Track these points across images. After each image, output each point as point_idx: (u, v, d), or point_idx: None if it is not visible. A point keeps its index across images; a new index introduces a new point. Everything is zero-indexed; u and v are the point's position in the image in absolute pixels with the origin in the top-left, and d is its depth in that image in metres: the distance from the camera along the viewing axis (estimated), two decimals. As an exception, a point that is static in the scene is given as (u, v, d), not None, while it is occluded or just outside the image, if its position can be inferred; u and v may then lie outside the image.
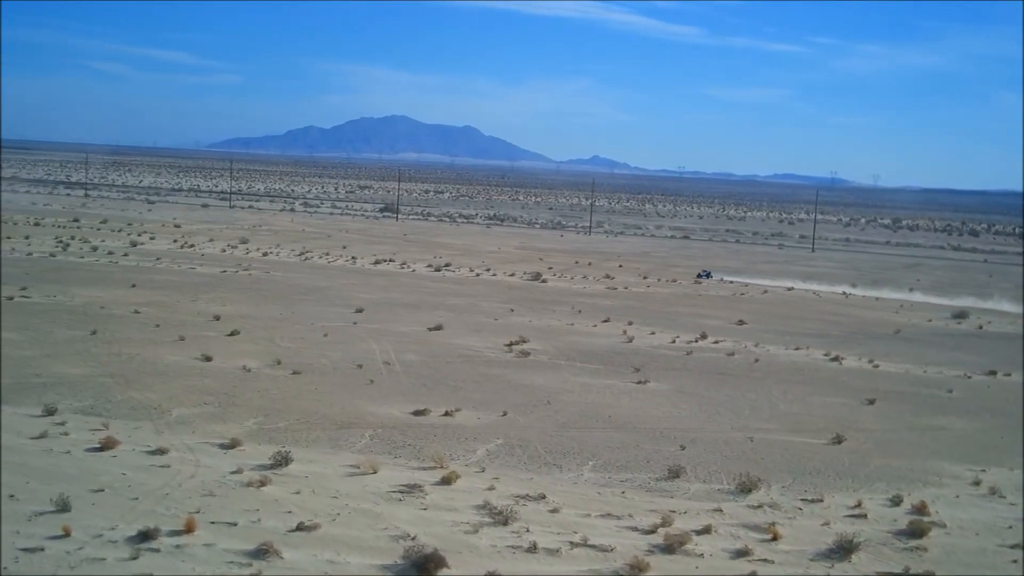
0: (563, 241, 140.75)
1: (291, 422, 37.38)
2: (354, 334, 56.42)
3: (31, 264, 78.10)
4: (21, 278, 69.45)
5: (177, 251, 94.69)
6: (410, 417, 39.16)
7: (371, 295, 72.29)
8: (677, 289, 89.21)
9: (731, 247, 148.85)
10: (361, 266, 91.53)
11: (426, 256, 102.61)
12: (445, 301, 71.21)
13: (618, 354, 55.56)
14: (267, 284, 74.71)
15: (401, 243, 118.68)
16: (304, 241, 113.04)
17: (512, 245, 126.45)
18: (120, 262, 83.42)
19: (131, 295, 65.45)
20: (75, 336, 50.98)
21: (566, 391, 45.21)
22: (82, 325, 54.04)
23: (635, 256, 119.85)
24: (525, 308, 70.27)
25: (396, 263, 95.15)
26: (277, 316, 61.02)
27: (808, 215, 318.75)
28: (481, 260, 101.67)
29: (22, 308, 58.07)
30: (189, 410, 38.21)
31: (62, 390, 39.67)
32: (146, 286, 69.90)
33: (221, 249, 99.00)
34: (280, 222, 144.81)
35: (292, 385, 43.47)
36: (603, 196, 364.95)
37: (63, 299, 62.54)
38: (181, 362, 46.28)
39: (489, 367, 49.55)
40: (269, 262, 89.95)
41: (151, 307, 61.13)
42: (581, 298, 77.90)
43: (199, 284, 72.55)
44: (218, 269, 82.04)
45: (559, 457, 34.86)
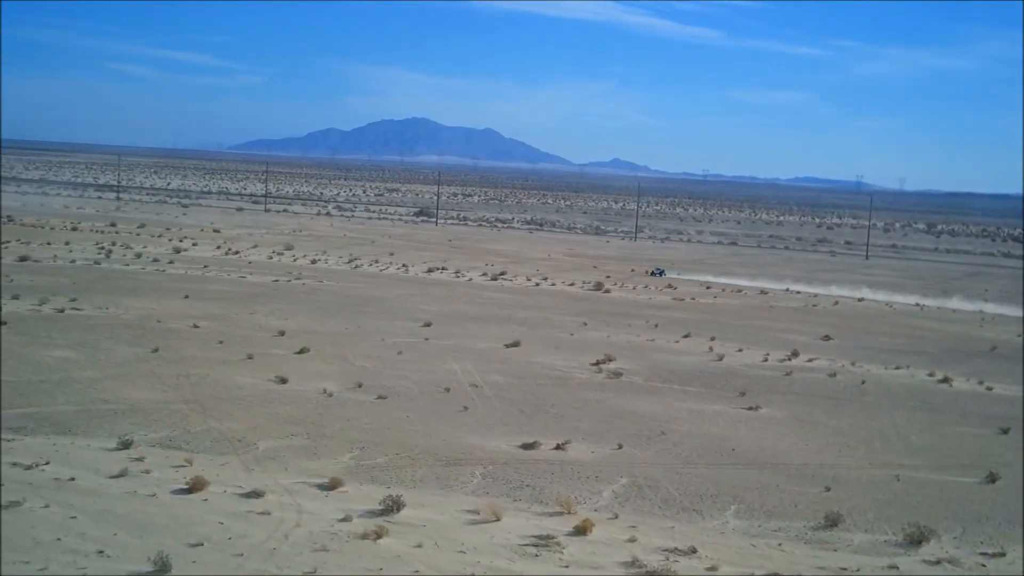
0: (611, 247, 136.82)
1: (390, 457, 33.49)
2: (429, 351, 52.52)
3: (76, 272, 74.50)
4: (69, 288, 65.86)
5: (222, 258, 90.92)
6: (519, 451, 35.26)
7: (433, 307, 68.41)
8: (744, 300, 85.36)
9: (782, 254, 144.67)
10: (415, 275, 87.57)
11: (477, 264, 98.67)
12: (513, 314, 67.29)
13: (713, 374, 52.38)
14: (323, 295, 70.84)
15: (447, 250, 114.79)
16: (349, 247, 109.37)
17: (560, 252, 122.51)
18: (167, 270, 79.69)
19: (186, 307, 61.79)
20: (137, 354, 47.12)
21: (676, 419, 41.31)
22: (142, 341, 50.44)
23: (689, 264, 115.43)
24: (598, 321, 66.44)
25: (449, 271, 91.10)
26: (342, 331, 57.15)
27: (840, 219, 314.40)
28: (535, 268, 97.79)
29: (75, 322, 54.44)
30: (276, 442, 34.28)
31: (135, 419, 35.87)
32: (199, 297, 66.09)
33: (267, 256, 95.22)
34: (319, 227, 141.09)
35: (380, 412, 40.23)
36: (631, 200, 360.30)
37: (116, 311, 58.87)
38: (255, 385, 42.38)
39: (584, 390, 45.71)
40: (319, 270, 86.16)
41: (209, 320, 57.26)
42: (650, 310, 74.06)
43: (254, 295, 68.81)
44: (269, 278, 78.19)
45: (696, 500, 30.89)
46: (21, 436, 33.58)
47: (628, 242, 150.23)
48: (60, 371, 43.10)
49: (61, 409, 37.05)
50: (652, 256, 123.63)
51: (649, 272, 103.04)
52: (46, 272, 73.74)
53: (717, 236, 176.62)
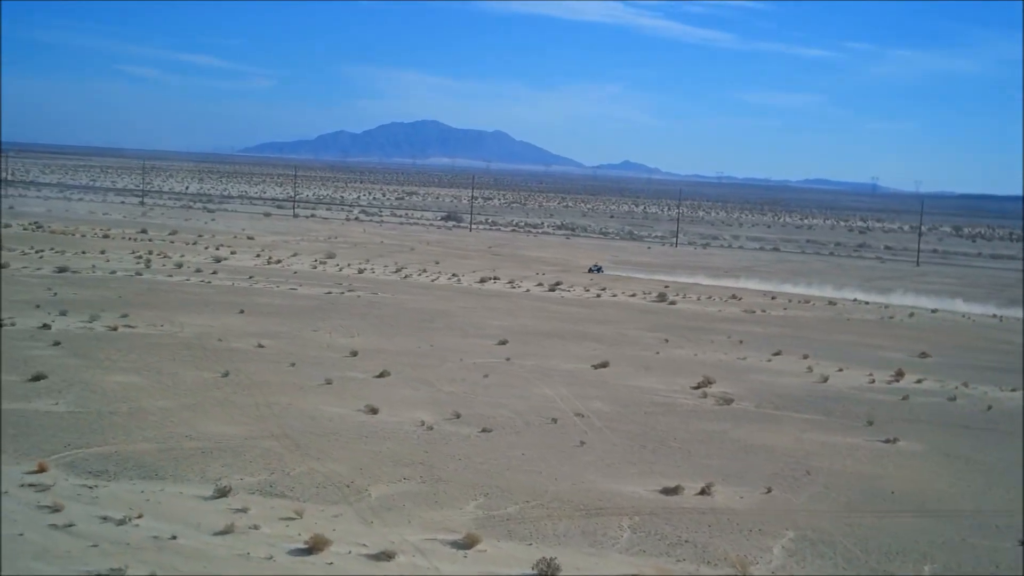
0: (653, 254, 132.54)
1: (521, 506, 29.34)
2: (514, 374, 48.48)
3: (119, 285, 70.64)
4: (116, 303, 61.96)
5: (266, 268, 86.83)
6: (661, 497, 31.12)
7: (500, 321, 64.25)
8: (816, 312, 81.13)
9: (829, 260, 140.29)
10: (468, 285, 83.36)
11: (527, 273, 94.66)
12: (586, 330, 63.30)
13: (826, 399, 48.64)
14: (382, 308, 66.75)
15: (490, 257, 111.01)
16: (391, 255, 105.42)
17: (605, 259, 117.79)
18: (212, 281, 75.67)
19: (243, 323, 58.11)
20: (206, 379, 43.04)
21: (812, 454, 37.51)
22: (208, 364, 46.98)
23: (740, 272, 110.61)
24: (678, 337, 62.77)
25: (502, 281, 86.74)
26: (415, 349, 52.99)
27: (864, 222, 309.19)
28: (589, 278, 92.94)
29: (131, 341, 50.51)
30: (389, 488, 30.15)
31: (225, 459, 31.93)
32: (255, 312, 61.96)
33: (311, 265, 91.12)
34: (353, 233, 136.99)
35: (490, 448, 36.43)
36: (651, 203, 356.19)
37: (171, 329, 54.74)
38: (345, 416, 38.29)
39: (698, 419, 42.14)
40: (369, 280, 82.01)
41: (273, 339, 53.36)
42: (725, 324, 70.50)
43: (311, 309, 64.86)
44: (320, 290, 74.06)
45: (884, 560, 27.09)
46: (105, 481, 29.43)
47: (669, 248, 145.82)
48: (128, 400, 39.02)
49: (141, 447, 32.84)
50: (700, 264, 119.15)
51: (588, 269, 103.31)
52: (88, 284, 69.55)
53: (755, 241, 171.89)
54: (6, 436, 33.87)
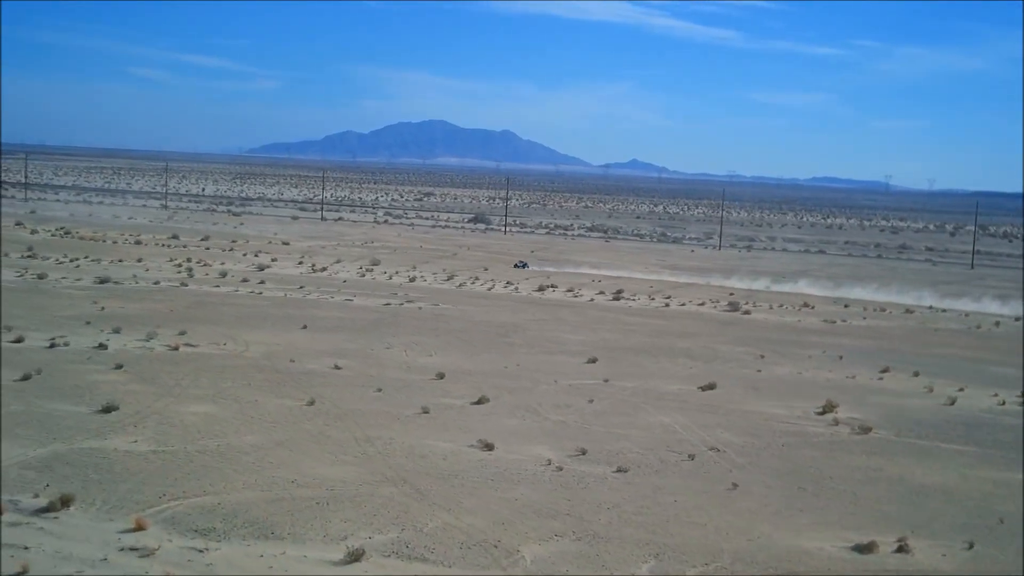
0: (700, 258, 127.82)
1: (700, 569, 26.10)
2: (619, 397, 44.16)
3: (167, 297, 66.66)
4: (169, 317, 57.85)
5: (313, 277, 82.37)
6: (855, 556, 27.07)
7: (578, 335, 60.02)
8: (896, 320, 77.12)
9: (881, 263, 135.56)
10: (527, 294, 78.95)
11: (581, 280, 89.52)
12: (672, 344, 59.34)
13: (967, 426, 44.59)
14: (449, 321, 62.40)
15: (535, 262, 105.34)
16: (435, 261, 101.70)
17: (651, 263, 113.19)
18: (262, 292, 70.89)
19: (309, 340, 55.06)
20: (291, 409, 38.70)
21: (989, 495, 34.21)
22: (287, 390, 43.60)
23: (796, 276, 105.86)
24: (772, 352, 59.53)
25: (560, 289, 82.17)
26: (503, 370, 48.56)
27: (887, 221, 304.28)
28: (649, 285, 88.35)
29: (197, 363, 46.53)
30: (542, 547, 26.00)
31: (344, 510, 28.07)
32: (317, 327, 57.59)
33: (357, 273, 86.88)
34: (387, 237, 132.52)
35: (636, 494, 32.27)
36: (671, 203, 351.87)
37: (235, 347, 50.33)
38: (458, 453, 33.85)
39: (844, 453, 38.77)
40: (422, 290, 77.56)
41: (347, 358, 49.27)
42: (811, 335, 67.81)
43: (374, 323, 60.82)
44: (378, 300, 69.74)
45: None
46: (215, 542, 25.18)
47: (712, 251, 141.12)
48: (213, 435, 34.71)
49: (245, 497, 28.27)
50: (753, 268, 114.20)
51: (514, 265, 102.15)
52: (133, 296, 65.10)
53: (792, 243, 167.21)
54: (90, 482, 29.51)
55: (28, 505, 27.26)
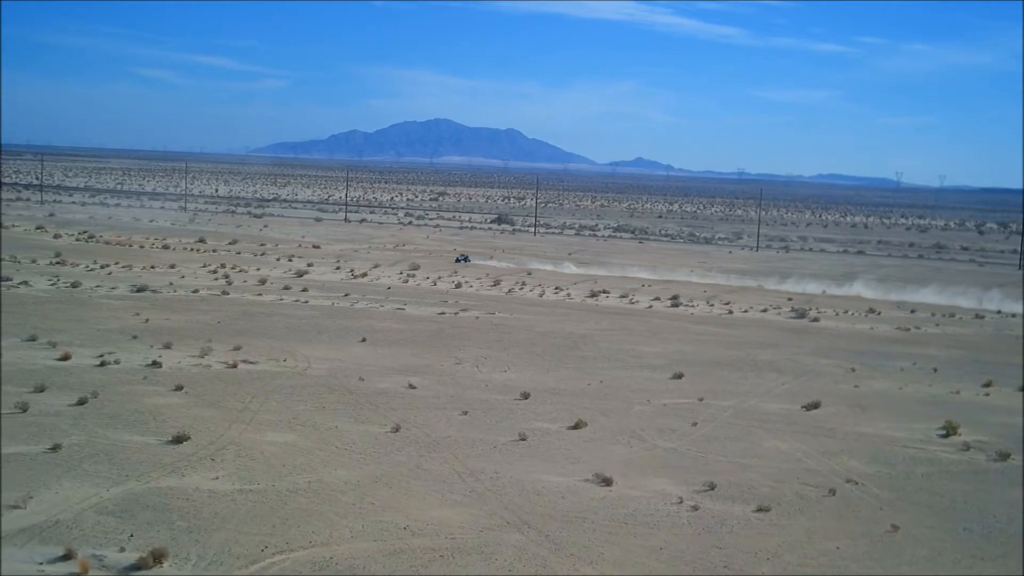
0: (742, 260, 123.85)
1: None
2: (723, 420, 40.83)
3: (211, 306, 63.67)
4: (218, 330, 54.70)
5: (354, 283, 78.73)
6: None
7: (651, 347, 56.54)
8: (970, 327, 74.12)
9: (925, 264, 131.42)
10: (581, 301, 75.14)
11: (630, 285, 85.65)
12: (753, 356, 56.29)
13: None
14: (512, 332, 58.83)
15: (581, 266, 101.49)
16: (475, 265, 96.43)
17: (692, 265, 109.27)
18: (308, 300, 67.04)
19: (372, 355, 52.05)
20: (375, 435, 35.71)
21: None
22: (366, 413, 40.32)
23: (843, 279, 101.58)
24: (861, 365, 57.49)
25: (614, 295, 78.29)
26: (587, 388, 45.03)
27: (906, 219, 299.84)
28: (702, 290, 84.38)
29: (261, 383, 43.47)
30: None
31: (474, 564, 25.61)
32: (376, 339, 53.89)
33: (399, 279, 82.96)
34: (416, 239, 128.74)
35: (791, 539, 28.74)
36: (687, 202, 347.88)
37: (296, 364, 46.85)
38: (576, 489, 30.74)
39: (993, 485, 35.49)
40: (471, 296, 73.99)
41: (417, 376, 46.15)
42: (891, 345, 64.45)
43: (434, 334, 57.68)
44: (431, 309, 65.99)
45: None
46: (339, 609, 20.77)
47: (749, 252, 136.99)
48: (300, 470, 31.38)
49: (357, 548, 24.88)
50: (801, 270, 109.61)
51: (456, 260, 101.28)
52: (175, 307, 61.32)
53: (825, 242, 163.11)
54: (179, 531, 25.95)
55: (115, 561, 23.57)
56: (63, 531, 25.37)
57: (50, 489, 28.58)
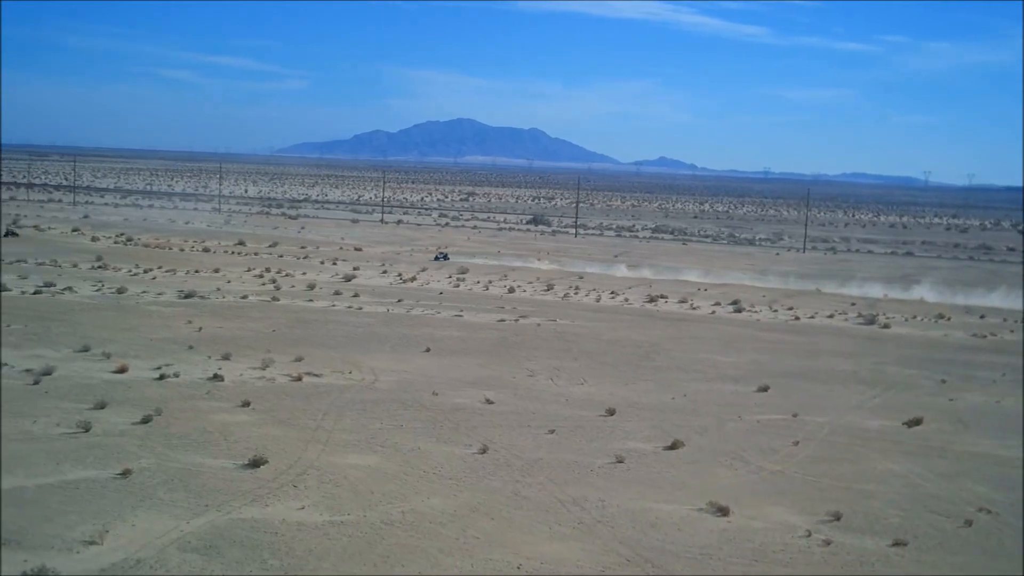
0: (790, 262, 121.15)
1: None
2: (824, 438, 39.66)
3: (263, 314, 61.57)
4: (275, 339, 53.14)
5: (404, 288, 76.49)
6: None
7: (725, 356, 54.39)
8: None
9: (978, 267, 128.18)
10: (640, 306, 72.58)
11: (686, 289, 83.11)
12: (833, 366, 54.75)
13: None
14: (578, 341, 56.76)
15: (630, 269, 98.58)
16: (524, 269, 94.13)
17: (741, 267, 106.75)
18: (361, 307, 64.44)
19: (440, 366, 49.81)
20: (463, 458, 35.21)
21: None
22: (447, 432, 38.15)
23: (899, 281, 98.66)
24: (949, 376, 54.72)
25: (672, 300, 75.48)
26: (671, 403, 42.87)
27: (940, 219, 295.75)
28: (761, 295, 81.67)
29: (330, 398, 41.96)
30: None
31: None
32: (440, 349, 51.66)
33: (448, 283, 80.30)
34: (457, 241, 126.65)
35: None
36: (717, 202, 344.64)
37: (363, 376, 44.72)
38: (692, 520, 29.24)
39: None
40: (525, 301, 71.68)
41: (492, 389, 44.94)
42: (972, 353, 61.83)
43: (500, 344, 56.25)
44: (489, 316, 63.67)
45: None
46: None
47: (796, 254, 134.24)
48: (392, 497, 29.80)
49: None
50: (848, 272, 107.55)
51: (435, 257, 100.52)
52: (227, 314, 58.98)
53: (867, 243, 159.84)
54: (271, 569, 24.47)
55: (209, 608, 20.83)
56: (147, 572, 22.77)
57: (126, 521, 26.07)
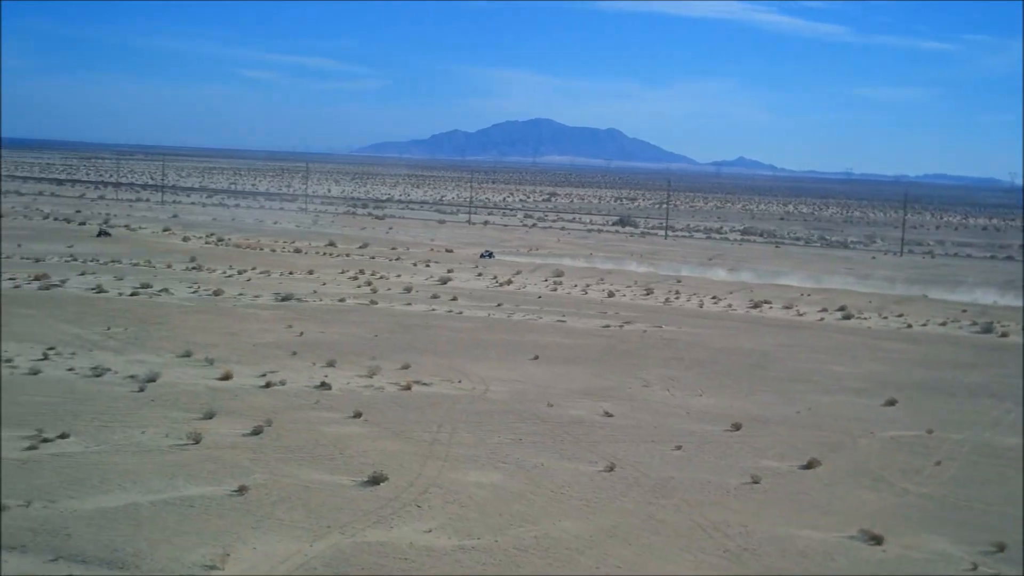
0: (888, 265, 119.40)
1: None
2: (964, 457, 38.11)
3: (363, 318, 60.46)
4: (378, 345, 52.11)
5: (502, 292, 75.46)
6: None
7: (843, 367, 52.54)
8: None
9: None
10: (744, 312, 70.09)
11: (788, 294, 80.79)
12: (956, 377, 52.42)
13: None
14: (688, 349, 55.71)
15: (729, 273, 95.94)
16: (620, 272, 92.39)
17: (839, 271, 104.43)
18: (462, 311, 62.76)
19: (550, 375, 48.32)
20: (589, 476, 33.48)
21: None
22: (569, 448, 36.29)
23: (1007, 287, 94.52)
24: None
25: (776, 306, 72.58)
26: (794, 417, 41.51)
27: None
28: (866, 300, 79.28)
29: (442, 409, 40.73)
30: None
31: None
32: (549, 357, 50.38)
33: (546, 287, 78.53)
34: (547, 243, 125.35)
35: None
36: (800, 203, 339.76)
37: (473, 386, 44.30)
38: (843, 547, 28.23)
39: None
40: (626, 306, 70.04)
41: (608, 401, 43.54)
42: None
43: (608, 351, 55.31)
44: (592, 322, 62.04)
45: None
46: None
47: (893, 258, 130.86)
48: (521, 520, 28.50)
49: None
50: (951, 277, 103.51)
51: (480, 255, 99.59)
52: (326, 318, 57.66)
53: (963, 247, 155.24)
54: None
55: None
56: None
57: (246, 544, 24.50)
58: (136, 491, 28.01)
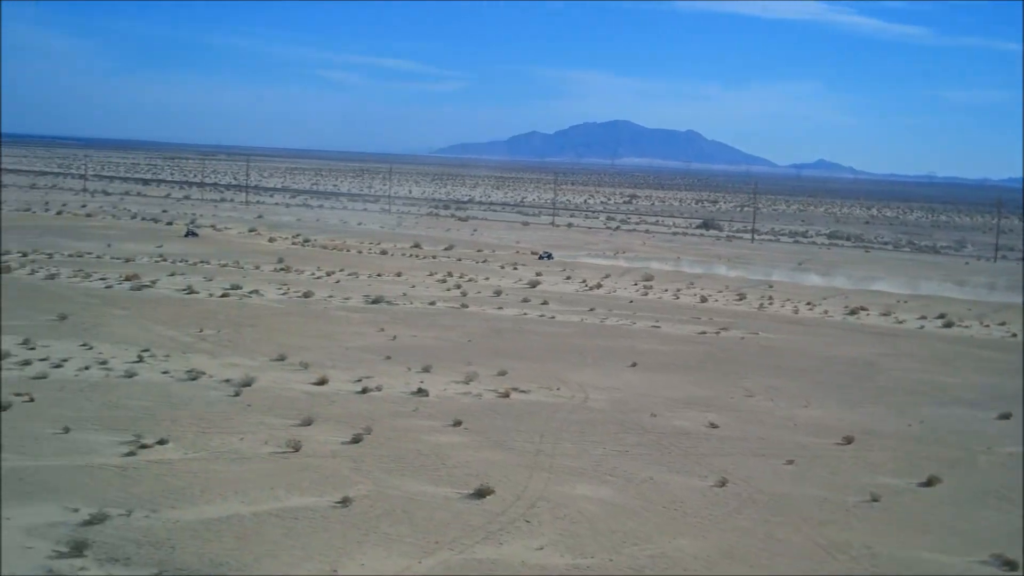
0: (982, 271, 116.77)
1: None
2: None
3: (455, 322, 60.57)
4: (472, 351, 52.01)
5: (591, 296, 74.59)
6: None
7: (950, 377, 51.77)
8: None
9: None
10: (842, 319, 68.10)
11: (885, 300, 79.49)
12: None
13: None
14: (788, 356, 54.44)
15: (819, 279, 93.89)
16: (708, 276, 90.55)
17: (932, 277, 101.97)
18: (555, 316, 61.51)
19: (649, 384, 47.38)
20: (700, 491, 32.39)
21: None
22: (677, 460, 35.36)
23: None
24: None
25: (873, 313, 71.01)
26: (906, 431, 40.92)
27: None
28: (965, 307, 77.43)
29: (541, 418, 40.12)
30: None
31: None
32: (647, 365, 50.02)
33: (635, 290, 77.30)
34: (632, 246, 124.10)
35: None
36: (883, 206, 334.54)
37: (572, 394, 44.36)
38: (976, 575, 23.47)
39: None
40: (718, 312, 68.83)
41: (706, 410, 43.02)
42: None
43: (707, 359, 54.37)
44: (688, 328, 60.58)
45: None
46: None
47: (986, 263, 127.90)
48: (635, 538, 27.57)
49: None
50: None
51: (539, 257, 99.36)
52: (418, 322, 57.20)
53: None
54: None
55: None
56: (388, 622, 20.25)
57: (353, 559, 23.60)
58: (238, 501, 27.26)
